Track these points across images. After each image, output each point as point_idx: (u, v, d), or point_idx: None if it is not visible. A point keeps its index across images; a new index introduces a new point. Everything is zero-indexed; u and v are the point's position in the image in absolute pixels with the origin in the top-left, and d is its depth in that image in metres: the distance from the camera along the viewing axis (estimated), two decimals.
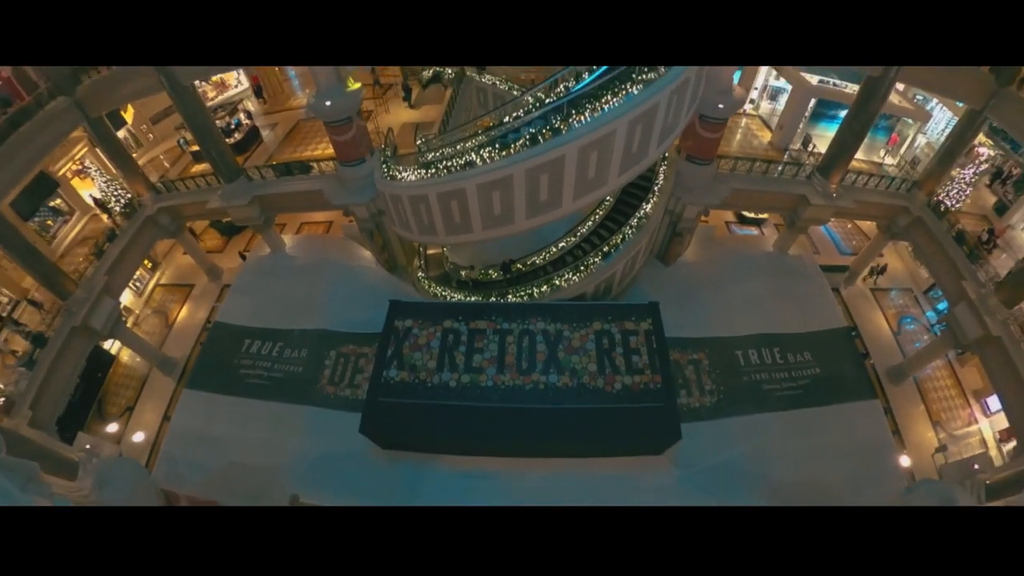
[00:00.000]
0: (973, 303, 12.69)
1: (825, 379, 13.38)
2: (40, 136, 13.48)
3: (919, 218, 14.87)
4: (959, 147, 14.22)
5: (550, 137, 10.18)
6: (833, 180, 14.36)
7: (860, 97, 13.37)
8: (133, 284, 17.62)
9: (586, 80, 10.88)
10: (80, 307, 13.44)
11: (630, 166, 11.16)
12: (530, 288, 13.78)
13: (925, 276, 17.02)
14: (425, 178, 11.67)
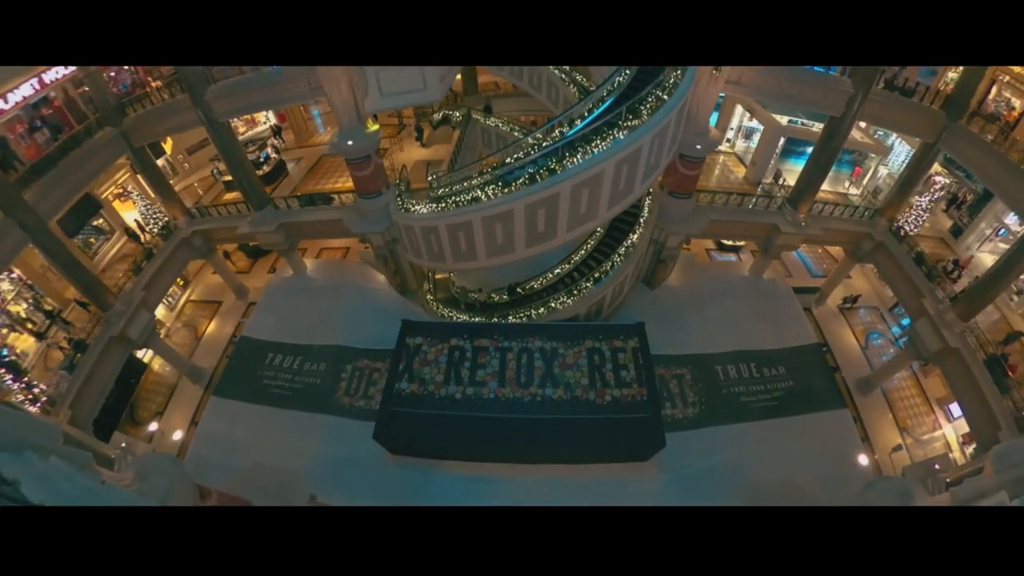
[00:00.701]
0: (932, 318, 12.84)
1: (798, 391, 13.54)
2: (88, 162, 13.88)
3: (881, 243, 15.11)
4: (916, 177, 14.55)
5: (547, 176, 10.48)
6: (802, 210, 14.67)
7: (824, 134, 13.80)
8: (166, 299, 17.75)
9: (578, 126, 11.20)
10: (119, 318, 13.59)
11: (618, 201, 11.43)
12: (528, 310, 13.97)
13: (889, 295, 17.14)
14: (436, 211, 11.90)
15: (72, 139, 13.84)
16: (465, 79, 20.21)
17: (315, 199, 15.84)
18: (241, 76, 13.64)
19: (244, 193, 15.53)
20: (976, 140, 12.63)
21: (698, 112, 12.44)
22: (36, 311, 14.35)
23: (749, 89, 13.26)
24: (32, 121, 14.50)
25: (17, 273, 14.05)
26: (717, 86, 12.19)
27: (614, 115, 10.51)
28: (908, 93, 13.46)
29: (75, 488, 5.62)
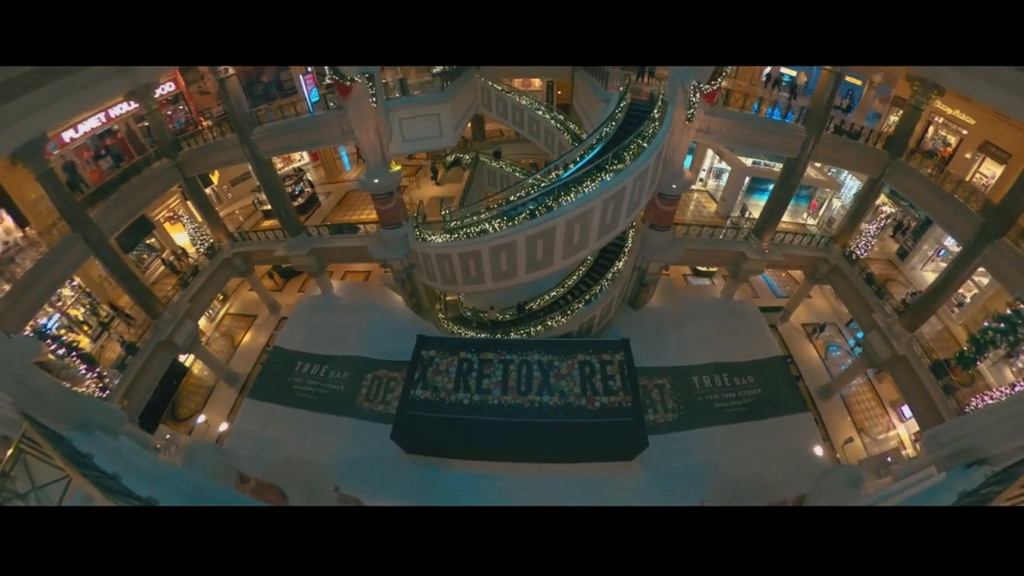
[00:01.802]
0: (882, 330, 13.00)
1: (765, 397, 13.60)
2: (145, 188, 14.21)
3: (836, 266, 15.38)
4: (864, 208, 14.88)
5: (545, 212, 10.81)
6: (766, 239, 14.90)
7: (783, 173, 14.18)
8: (208, 311, 17.78)
9: (571, 170, 11.55)
10: (166, 326, 13.73)
11: (605, 233, 11.75)
12: (528, 327, 14.16)
13: (845, 312, 17.19)
14: (449, 241, 12.23)
15: (132, 167, 14.24)
16: (474, 127, 20.66)
17: (343, 228, 16.09)
18: (283, 120, 14.01)
19: (281, 221, 15.74)
20: (915, 174, 13.07)
21: (674, 156, 12.75)
22: (91, 315, 14.44)
23: (717, 136, 13.69)
24: (98, 150, 15.03)
25: (78, 281, 14.11)
26: (689, 134, 12.51)
27: (602, 160, 10.86)
28: (855, 136, 13.87)
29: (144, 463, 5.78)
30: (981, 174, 13.81)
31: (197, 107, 18.08)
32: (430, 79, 14.47)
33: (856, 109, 17.71)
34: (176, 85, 17.42)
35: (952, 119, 14.55)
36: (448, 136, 14.17)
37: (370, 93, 11.87)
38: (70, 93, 11.46)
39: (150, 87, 14.16)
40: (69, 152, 14.09)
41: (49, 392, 5.21)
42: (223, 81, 12.97)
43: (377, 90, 12.01)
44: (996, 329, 10.23)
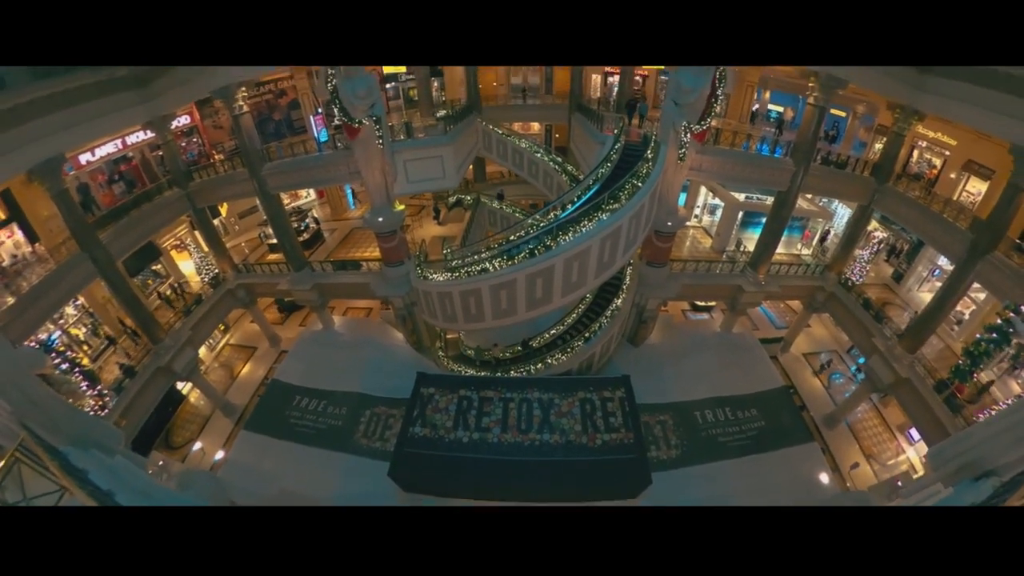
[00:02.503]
0: (883, 354, 12.91)
1: (769, 430, 13.25)
2: (156, 215, 14.60)
3: (833, 293, 15.45)
4: (856, 234, 15.08)
5: (544, 251, 10.86)
6: (761, 272, 14.92)
7: (774, 207, 14.31)
8: (208, 341, 17.81)
9: (569, 210, 11.67)
10: (166, 352, 13.67)
11: (603, 271, 11.75)
12: (528, 365, 13.97)
13: (845, 338, 17.15)
14: (450, 279, 12.21)
15: (144, 194, 14.64)
16: (476, 169, 21.00)
17: (346, 265, 16.21)
18: (292, 158, 14.45)
19: (286, 255, 15.87)
20: (903, 198, 13.43)
21: (668, 195, 12.94)
22: (92, 336, 14.43)
23: (709, 174, 14.01)
24: (112, 174, 15.42)
25: (81, 301, 14.12)
26: (682, 173, 12.73)
27: (599, 200, 10.99)
28: (842, 165, 14.20)
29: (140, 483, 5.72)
30: (967, 192, 14.10)
31: (210, 140, 18.61)
32: (434, 123, 14.88)
33: (842, 139, 18.13)
34: (192, 118, 17.97)
35: (935, 142, 14.97)
36: (451, 177, 14.49)
37: (377, 135, 12.17)
38: (91, 118, 11.95)
39: (167, 118, 14.72)
40: (84, 174, 14.55)
41: (49, 405, 5.24)
42: (237, 117, 13.35)
43: (384, 132, 12.30)
44: (988, 340, 10.23)
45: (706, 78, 10.87)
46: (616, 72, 19.76)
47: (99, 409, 11.50)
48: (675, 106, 11.66)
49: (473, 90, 18.95)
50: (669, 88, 12.16)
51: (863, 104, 17.31)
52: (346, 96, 11.44)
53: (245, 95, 13.63)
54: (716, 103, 11.12)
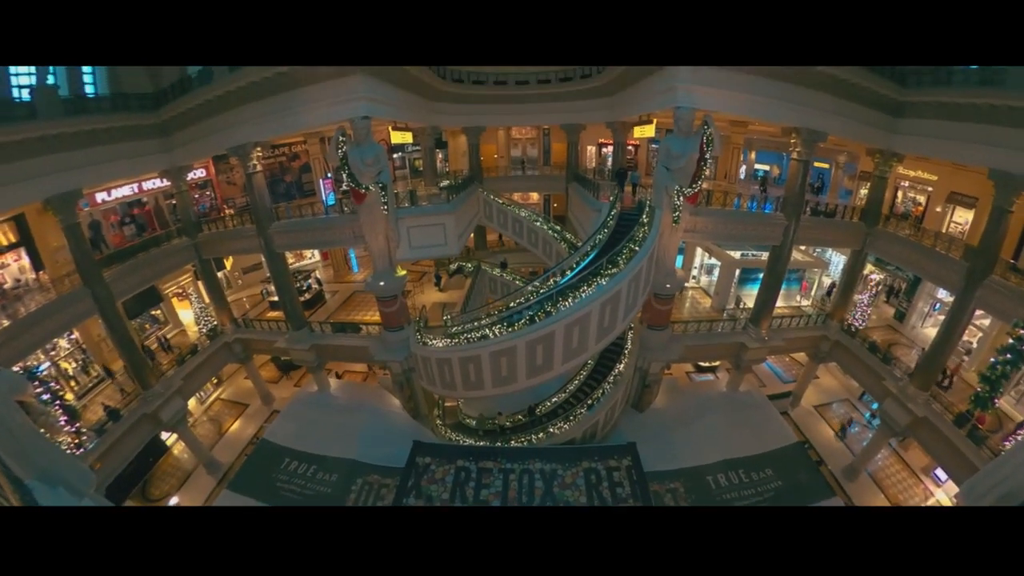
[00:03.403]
0: (896, 396, 12.41)
1: (787, 488, 12.44)
2: (162, 261, 14.76)
3: (837, 341, 15.14)
4: (854, 280, 15.03)
5: (544, 318, 10.61)
6: (763, 327, 14.61)
7: (770, 261, 14.25)
8: (199, 393, 17.27)
9: (569, 276, 11.51)
10: (155, 399, 13.18)
11: (604, 336, 11.45)
12: (529, 435, 13.29)
13: (855, 385, 16.66)
14: (449, 345, 11.89)
15: (153, 239, 14.91)
16: (477, 237, 21.25)
17: (346, 327, 15.88)
18: (300, 218, 14.75)
19: (286, 313, 15.66)
20: (894, 238, 13.58)
21: (665, 257, 12.91)
22: (82, 372, 14.06)
23: (704, 234, 14.06)
24: (124, 216, 15.75)
25: (76, 335, 13.96)
26: (678, 235, 12.75)
27: (597, 265, 10.92)
28: (831, 214, 14.43)
29: None
30: (955, 223, 14.32)
31: (223, 195, 19.10)
32: (437, 192, 15.23)
33: (828, 190, 18.50)
34: (207, 172, 18.51)
35: (916, 180, 15.38)
36: (452, 245, 14.53)
37: (383, 200, 12.38)
38: (113, 159, 12.45)
39: (184, 169, 15.20)
40: (98, 212, 14.89)
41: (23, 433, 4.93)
42: (251, 175, 13.74)
43: (389, 198, 12.52)
44: (1004, 361, 9.88)
45: (694, 142, 11.19)
46: (609, 143, 20.51)
47: (75, 447, 10.98)
48: (666, 171, 11.91)
49: (475, 161, 19.62)
50: (660, 154, 12.48)
51: (844, 154, 17.88)
52: (355, 162, 11.80)
53: (260, 155, 14.13)
54: (705, 166, 11.36)
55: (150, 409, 13.12)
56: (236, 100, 12.80)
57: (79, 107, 11.85)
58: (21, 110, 10.58)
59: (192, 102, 13.27)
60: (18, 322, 10.75)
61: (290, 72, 11.72)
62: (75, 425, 11.20)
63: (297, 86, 12.09)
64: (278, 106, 12.49)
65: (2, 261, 12.50)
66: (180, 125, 13.89)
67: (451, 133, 22.21)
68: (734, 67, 11.16)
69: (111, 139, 12.41)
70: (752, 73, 11.37)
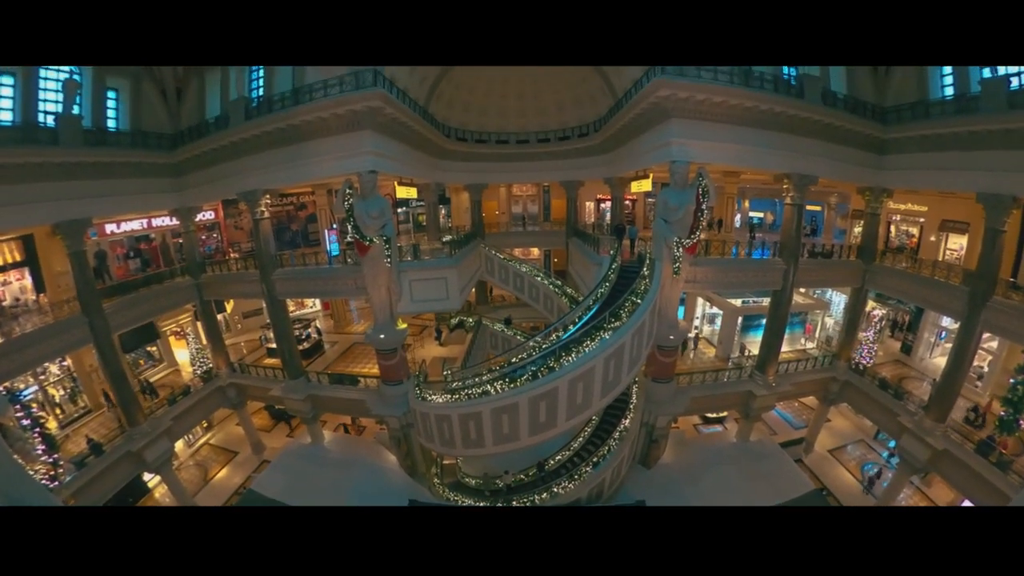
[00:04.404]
0: (912, 431, 11.95)
1: None
2: (163, 298, 14.69)
3: (847, 381, 14.69)
4: (857, 318, 14.78)
5: (547, 373, 10.25)
6: (770, 373, 14.17)
7: (771, 307, 14.12)
8: (188, 435, 16.54)
9: (571, 330, 11.26)
10: (141, 438, 12.67)
11: (608, 391, 11.03)
12: (532, 495, 12.48)
13: (869, 424, 16.06)
14: (450, 401, 11.46)
15: (157, 275, 14.94)
16: (478, 291, 21.12)
17: (343, 379, 15.41)
18: (303, 267, 14.78)
19: (283, 361, 15.32)
20: (893, 272, 13.61)
21: (667, 308, 12.72)
22: (69, 401, 13.55)
23: (704, 284, 14.02)
24: (130, 250, 15.82)
25: (68, 363, 13.64)
26: (679, 286, 12.67)
27: (600, 319, 10.69)
28: (828, 255, 14.47)
29: None
30: (950, 250, 14.35)
31: (229, 239, 19.25)
32: (440, 246, 15.37)
33: (822, 231, 18.64)
34: (216, 215, 18.75)
35: (907, 213, 15.58)
36: (454, 299, 14.45)
37: (386, 253, 12.40)
38: (126, 193, 12.75)
39: (194, 210, 15.45)
40: (105, 243, 14.99)
41: None
42: (258, 221, 13.93)
43: (392, 251, 12.56)
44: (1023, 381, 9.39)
45: (690, 194, 11.36)
46: (608, 198, 20.99)
47: (49, 479, 10.38)
48: (665, 224, 12.05)
49: (477, 217, 20.03)
50: (657, 207, 12.69)
51: (835, 195, 18.22)
52: (360, 215, 11.91)
53: (268, 202, 14.39)
54: (703, 216, 11.45)
55: (135, 447, 12.60)
56: (249, 147, 13.27)
57: (99, 139, 12.35)
58: (44, 135, 11.07)
59: (207, 146, 13.76)
60: (11, 341, 10.53)
61: (302, 124, 12.26)
62: (52, 456, 10.71)
63: (308, 138, 12.53)
64: (289, 156, 12.88)
65: (4, 278, 12.52)
66: (194, 167, 14.34)
67: (454, 189, 22.72)
68: (724, 122, 11.76)
69: (126, 173, 12.82)
70: (741, 124, 11.88)
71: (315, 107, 12.00)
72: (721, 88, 11.41)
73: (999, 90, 10.27)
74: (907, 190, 14.14)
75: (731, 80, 11.57)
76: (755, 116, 11.96)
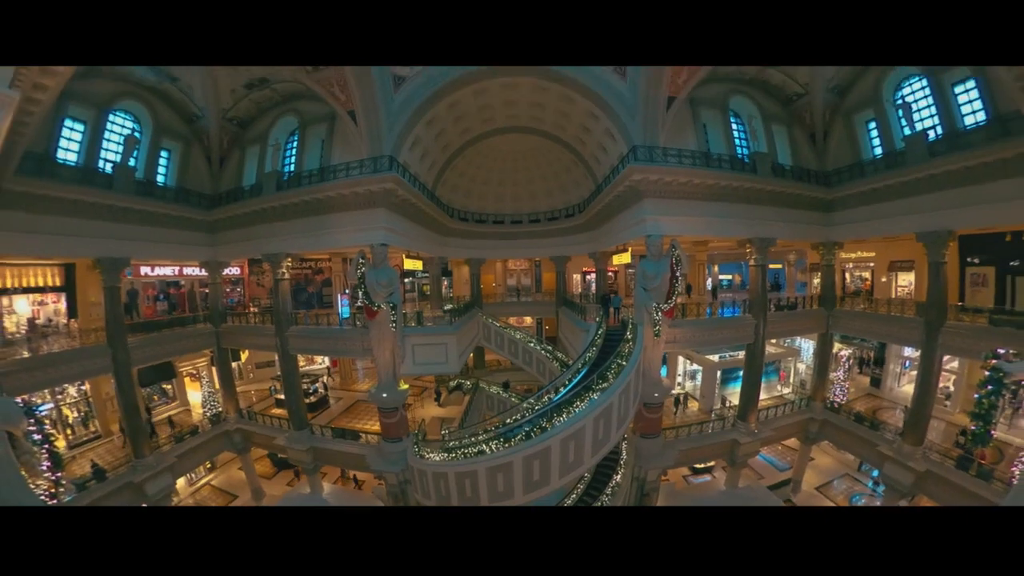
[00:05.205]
0: (893, 458, 11.66)
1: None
2: (184, 341, 14.76)
3: (824, 420, 14.51)
4: (826, 360, 14.89)
5: (540, 433, 10.05)
6: (751, 421, 13.98)
7: (747, 359, 14.21)
8: (190, 474, 15.79)
9: (562, 392, 11.26)
10: (145, 470, 12.11)
11: (599, 448, 10.76)
12: None
13: (852, 458, 15.69)
14: (447, 460, 11.09)
15: (181, 319, 15.09)
16: (475, 356, 21.13)
17: (345, 433, 14.91)
18: (316, 326, 14.93)
19: (290, 412, 14.87)
20: (853, 314, 14.03)
21: (650, 368, 12.71)
22: (81, 424, 13.12)
23: (684, 343, 14.23)
24: (160, 292, 16.11)
25: (87, 387, 13.51)
26: (660, 347, 12.75)
27: (589, 381, 10.68)
28: (793, 307, 14.91)
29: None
30: (901, 286, 15.02)
31: (251, 294, 19.40)
32: (441, 314, 15.56)
33: (785, 286, 19.06)
34: (241, 271, 19.07)
35: (859, 260, 16.23)
36: (453, 363, 14.41)
37: (392, 318, 12.48)
38: (164, 241, 13.34)
39: (222, 264, 15.84)
40: (139, 283, 15.29)
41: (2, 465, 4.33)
42: (279, 281, 14.27)
43: (398, 317, 12.68)
44: (987, 393, 9.38)
45: (665, 264, 11.83)
46: (592, 271, 21.54)
47: (48, 496, 9.66)
48: (644, 291, 12.36)
49: (476, 288, 20.54)
50: (637, 277, 13.11)
51: (793, 252, 18.89)
52: (371, 283, 12.10)
53: (289, 264, 14.83)
54: (678, 283, 11.61)
55: (137, 478, 11.88)
56: (277, 214, 13.99)
57: (148, 190, 12.96)
58: (101, 179, 11.67)
59: (241, 209, 14.43)
60: (38, 357, 10.54)
61: (325, 198, 13.10)
62: (56, 474, 10.05)
63: (330, 211, 13.26)
64: (312, 226, 13.56)
65: (43, 299, 12.56)
66: (227, 226, 14.94)
67: (456, 263, 23.29)
68: (691, 198, 12.71)
69: (167, 224, 13.39)
70: (705, 199, 12.81)
71: (338, 185, 12.81)
72: (685, 170, 12.34)
73: (920, 143, 11.24)
74: (855, 240, 14.78)
75: (694, 162, 12.58)
76: (717, 191, 12.83)
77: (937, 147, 11.04)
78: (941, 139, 11.16)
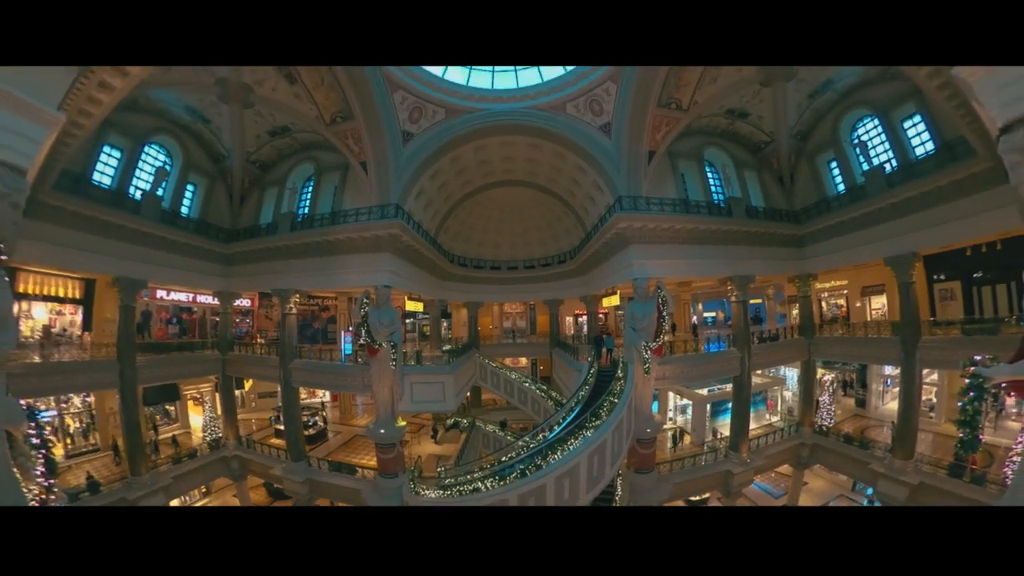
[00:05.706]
0: (885, 474, 11.35)
1: None
2: (191, 365, 14.75)
3: (814, 444, 14.18)
4: (810, 386, 14.76)
5: (535, 471, 9.79)
6: (743, 450, 13.65)
7: (735, 391, 14.13)
8: (185, 497, 14.82)
9: (556, 431, 11.04)
10: (140, 488, 11.78)
11: (594, 485, 10.47)
12: None
13: (844, 478, 15.18)
14: (442, 496, 10.78)
15: (190, 344, 14.99)
16: (472, 395, 20.91)
17: (342, 467, 14.43)
18: (319, 361, 14.80)
19: (288, 443, 14.42)
20: (832, 340, 14.26)
21: (642, 404, 12.51)
22: (82, 436, 13.10)
23: (673, 379, 14.18)
24: (173, 316, 15.97)
25: (91, 400, 13.34)
26: (650, 384, 12.62)
27: (582, 419, 10.53)
28: (775, 338, 14.94)
29: None
30: (875, 309, 14.98)
31: (259, 325, 19.18)
32: (440, 354, 15.54)
33: (766, 319, 19.03)
34: (251, 303, 18.92)
35: (833, 288, 16.39)
36: (450, 401, 14.26)
37: (392, 357, 12.41)
38: (181, 268, 13.50)
39: (234, 295, 15.81)
40: (153, 305, 15.16)
41: None
42: (286, 315, 14.32)
43: (398, 356, 12.60)
44: (970, 400, 9.23)
45: (652, 304, 11.65)
46: (584, 313, 21.72)
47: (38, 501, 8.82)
48: (633, 331, 12.45)
49: (473, 330, 20.52)
50: (626, 317, 13.18)
51: (771, 287, 19.03)
52: (373, 322, 12.09)
53: (297, 300, 14.85)
54: (664, 322, 11.75)
55: (131, 496, 11.39)
56: (290, 253, 14.29)
57: (171, 219, 13.23)
58: (130, 204, 11.99)
59: (256, 245, 14.74)
60: (47, 364, 10.55)
61: (335, 240, 13.47)
62: (49, 480, 9.43)
63: (338, 252, 13.59)
64: (321, 265, 13.82)
65: (60, 309, 12.41)
66: (242, 260, 15.18)
67: (455, 306, 23.32)
68: (673, 242, 13.19)
69: (186, 252, 13.59)
70: (687, 243, 13.30)
71: (347, 228, 13.25)
72: (667, 217, 12.87)
73: (878, 176, 11.78)
74: (828, 270, 15.07)
75: (675, 209, 13.17)
76: (697, 235, 13.32)
77: (894, 178, 11.62)
78: (897, 170, 11.76)
